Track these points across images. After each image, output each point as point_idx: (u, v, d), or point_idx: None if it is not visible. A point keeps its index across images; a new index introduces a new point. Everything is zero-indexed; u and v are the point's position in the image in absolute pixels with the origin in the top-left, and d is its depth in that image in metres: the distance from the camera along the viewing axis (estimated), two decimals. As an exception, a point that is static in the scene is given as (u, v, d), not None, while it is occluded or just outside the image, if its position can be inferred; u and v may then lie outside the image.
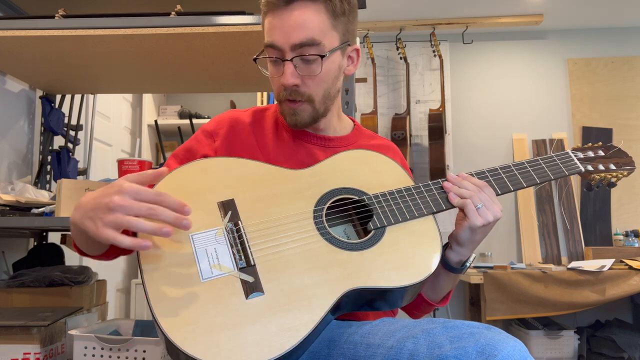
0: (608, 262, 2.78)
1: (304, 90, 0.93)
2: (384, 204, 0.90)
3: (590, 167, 1.02)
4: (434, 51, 3.55)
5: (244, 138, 1.01)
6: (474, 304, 3.19)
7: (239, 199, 0.87)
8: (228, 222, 0.83)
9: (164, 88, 2.49)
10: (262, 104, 3.44)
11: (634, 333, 2.94)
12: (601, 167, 1.03)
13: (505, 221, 3.44)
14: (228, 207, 0.85)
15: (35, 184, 2.07)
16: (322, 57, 0.90)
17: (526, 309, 2.67)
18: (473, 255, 0.95)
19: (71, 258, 2.25)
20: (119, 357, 1.32)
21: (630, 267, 2.71)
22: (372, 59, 3.53)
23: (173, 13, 1.46)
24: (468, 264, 0.95)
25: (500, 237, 3.43)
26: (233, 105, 3.54)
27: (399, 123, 3.39)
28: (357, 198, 0.90)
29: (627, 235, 3.18)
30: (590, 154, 1.04)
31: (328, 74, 0.94)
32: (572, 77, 3.56)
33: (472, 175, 0.94)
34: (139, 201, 0.74)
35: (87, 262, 2.52)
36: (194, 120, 2.86)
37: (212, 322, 0.74)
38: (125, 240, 0.73)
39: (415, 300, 1.00)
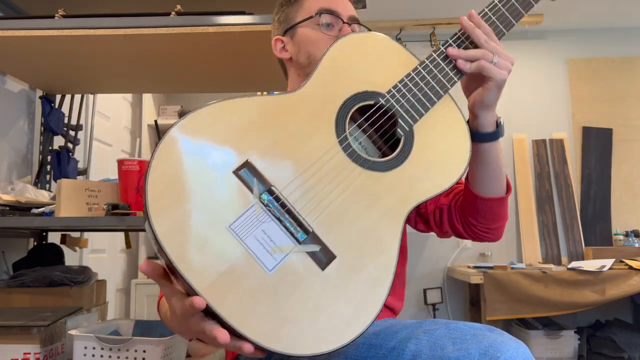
0: (608, 262, 2.78)
1: None
2: (402, 100, 0.82)
3: None
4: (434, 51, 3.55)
5: None
6: (474, 304, 3.19)
7: (253, 157, 0.72)
8: (260, 193, 0.70)
9: (164, 88, 2.49)
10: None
11: (634, 333, 2.94)
12: None
13: (505, 221, 3.44)
14: (249, 173, 0.71)
15: (35, 184, 2.07)
16: (368, 29, 0.99)
17: (526, 309, 2.67)
18: (498, 115, 0.91)
19: (71, 258, 2.25)
20: (118, 357, 1.32)
21: (630, 267, 2.72)
22: (372, 59, 3.53)
23: (173, 13, 1.46)
24: (502, 121, 0.90)
25: (500, 237, 3.43)
26: (233, 105, 3.54)
27: (399, 123, 3.39)
28: (372, 102, 0.82)
29: (627, 235, 3.18)
30: None
31: None
32: (572, 77, 3.56)
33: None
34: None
35: (87, 262, 2.53)
36: (194, 120, 2.85)
37: (306, 312, 0.66)
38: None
39: (487, 212, 0.96)
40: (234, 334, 0.63)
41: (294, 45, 1.05)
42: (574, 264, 2.88)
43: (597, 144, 3.45)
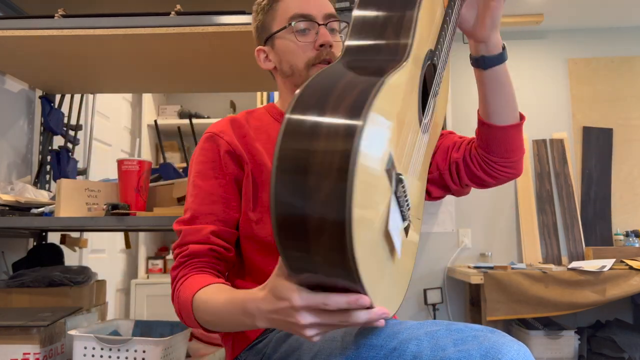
0: (608, 262, 2.78)
1: (334, 52, 1.00)
2: (439, 54, 0.84)
3: None
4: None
5: (253, 132, 1.03)
6: (474, 304, 3.19)
7: (392, 150, 0.68)
8: (396, 187, 0.68)
9: (164, 88, 2.49)
10: (262, 103, 3.44)
11: (634, 333, 2.93)
12: None
13: (505, 221, 3.44)
14: (391, 169, 0.68)
15: (35, 184, 2.07)
16: (347, 23, 0.96)
17: (526, 309, 2.67)
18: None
19: (71, 258, 2.25)
20: (118, 357, 1.32)
21: (631, 268, 2.71)
22: (372, 59, 3.52)
23: (173, 13, 1.46)
24: (503, 43, 0.92)
25: (500, 237, 3.43)
26: (233, 105, 3.54)
27: (399, 123, 3.39)
28: (430, 62, 0.83)
29: (627, 235, 3.18)
30: None
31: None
32: (572, 77, 3.56)
33: None
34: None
35: (87, 262, 2.52)
36: (194, 120, 2.86)
37: (402, 278, 0.79)
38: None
39: (508, 143, 0.98)
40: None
41: (276, 55, 1.03)
42: (574, 264, 2.88)
43: (597, 144, 3.45)
